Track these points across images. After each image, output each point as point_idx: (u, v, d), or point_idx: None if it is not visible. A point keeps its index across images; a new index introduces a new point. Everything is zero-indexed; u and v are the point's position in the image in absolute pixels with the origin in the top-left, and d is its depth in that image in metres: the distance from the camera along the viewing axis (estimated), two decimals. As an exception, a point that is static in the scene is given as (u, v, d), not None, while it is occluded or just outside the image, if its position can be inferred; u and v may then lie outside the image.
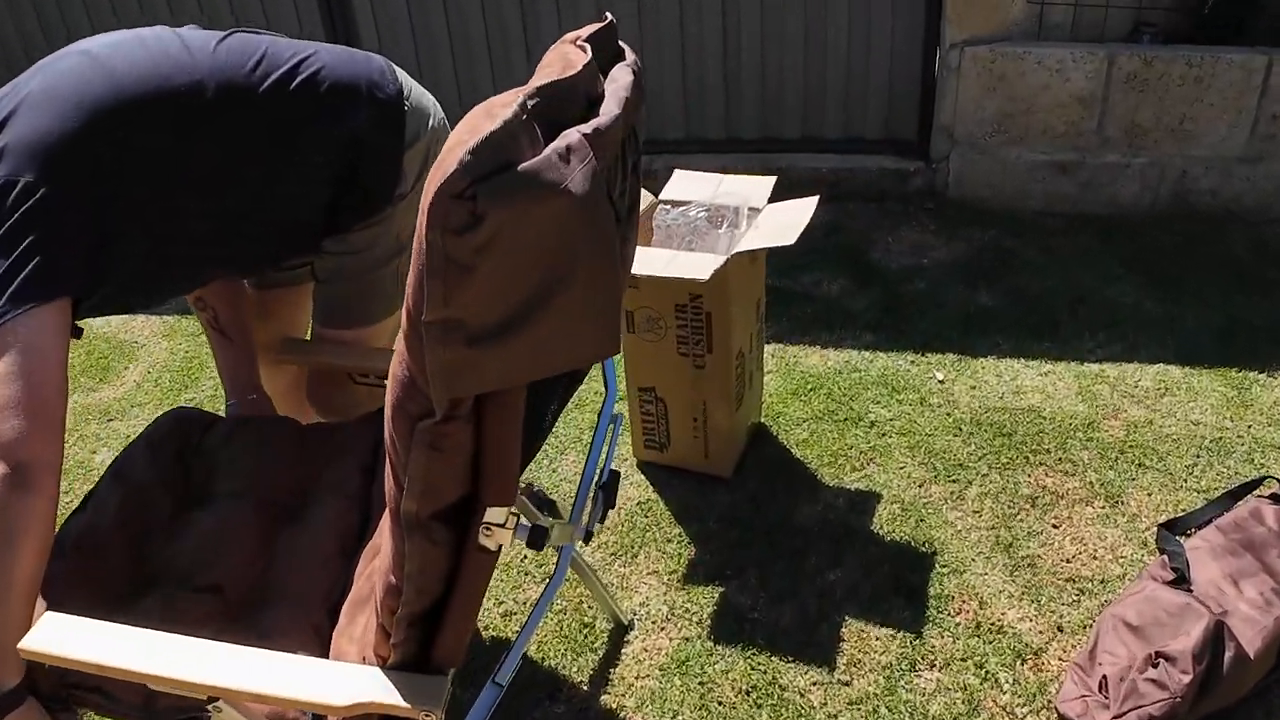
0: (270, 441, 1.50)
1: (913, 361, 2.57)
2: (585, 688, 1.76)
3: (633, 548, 2.05)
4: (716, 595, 1.91)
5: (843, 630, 1.81)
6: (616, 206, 0.93)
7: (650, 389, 2.15)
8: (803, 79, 3.39)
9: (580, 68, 0.92)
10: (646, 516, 2.13)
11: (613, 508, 1.36)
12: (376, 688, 1.03)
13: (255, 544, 1.35)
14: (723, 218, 1.98)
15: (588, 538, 1.26)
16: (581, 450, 2.36)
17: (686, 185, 2.14)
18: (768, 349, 2.63)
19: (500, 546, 0.96)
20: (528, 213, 0.76)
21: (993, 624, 1.80)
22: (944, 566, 1.93)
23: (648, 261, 1.86)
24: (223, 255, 1.40)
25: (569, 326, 0.86)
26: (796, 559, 1.97)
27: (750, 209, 2.00)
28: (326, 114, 1.36)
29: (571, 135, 0.82)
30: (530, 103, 0.82)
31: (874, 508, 2.08)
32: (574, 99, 0.91)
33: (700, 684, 1.73)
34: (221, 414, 1.64)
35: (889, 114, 3.40)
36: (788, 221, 1.88)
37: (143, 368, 2.87)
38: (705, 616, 1.86)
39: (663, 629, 1.85)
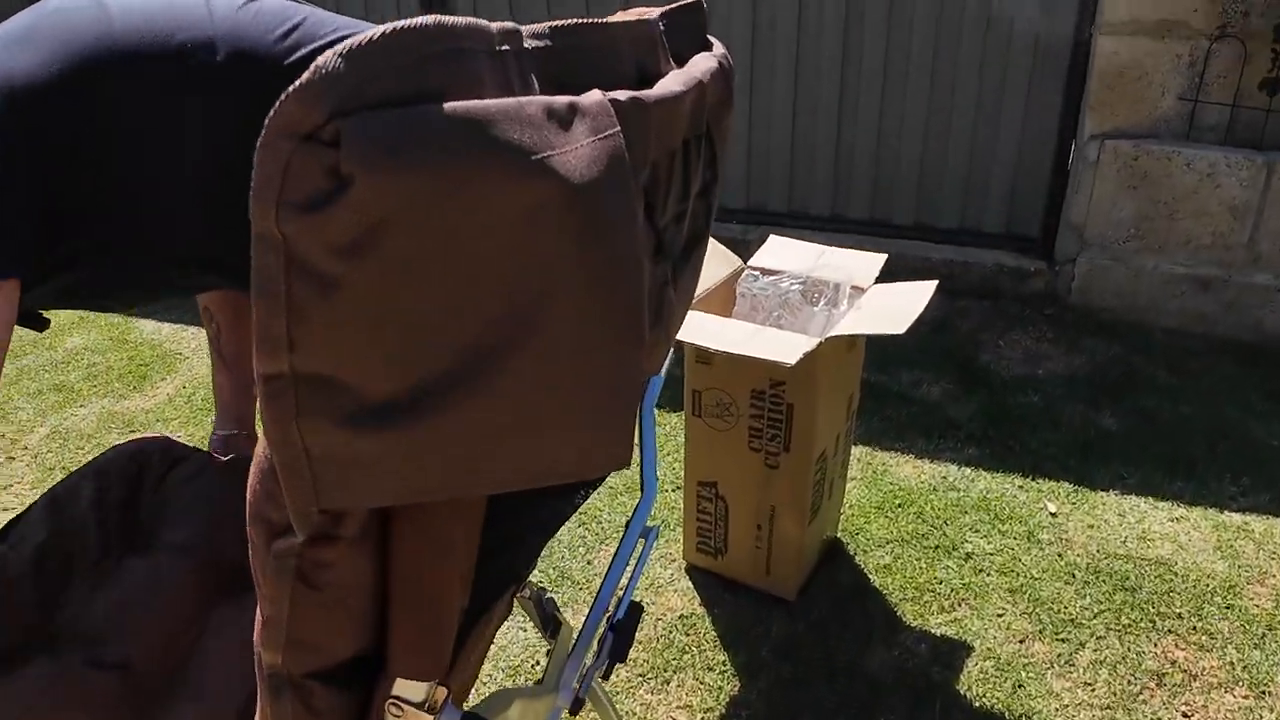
0: (237, 491, 1.25)
1: (1021, 487, 2.21)
2: (588, 844, 1.44)
3: (665, 671, 1.74)
4: (761, 746, 1.58)
5: (914, 817, 1.46)
6: (662, 233, 0.64)
7: (711, 484, 1.85)
8: (920, 160, 3.12)
9: (630, 19, 0.65)
10: (688, 635, 1.81)
11: (622, 660, 1.02)
12: None
13: (185, 613, 1.09)
14: (820, 294, 1.70)
15: (576, 707, 0.92)
16: (626, 542, 2.07)
17: (782, 253, 1.87)
18: (853, 452, 2.31)
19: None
20: (447, 192, 0.42)
21: (1106, 839, 1.43)
22: (1046, 750, 1.57)
23: (724, 335, 1.58)
24: (211, 255, 1.13)
25: (551, 409, 0.52)
26: (862, 713, 1.63)
27: (853, 288, 1.71)
28: None
29: (591, 95, 0.53)
30: (529, 43, 0.53)
31: (962, 661, 1.73)
32: (609, 59, 0.61)
33: None
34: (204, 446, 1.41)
35: (1012, 206, 3.09)
36: (899, 306, 1.58)
37: (180, 381, 2.70)
38: (745, 772, 1.53)
39: (691, 780, 1.53)
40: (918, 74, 3.02)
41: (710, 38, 0.80)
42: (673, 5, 0.79)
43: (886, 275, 1.81)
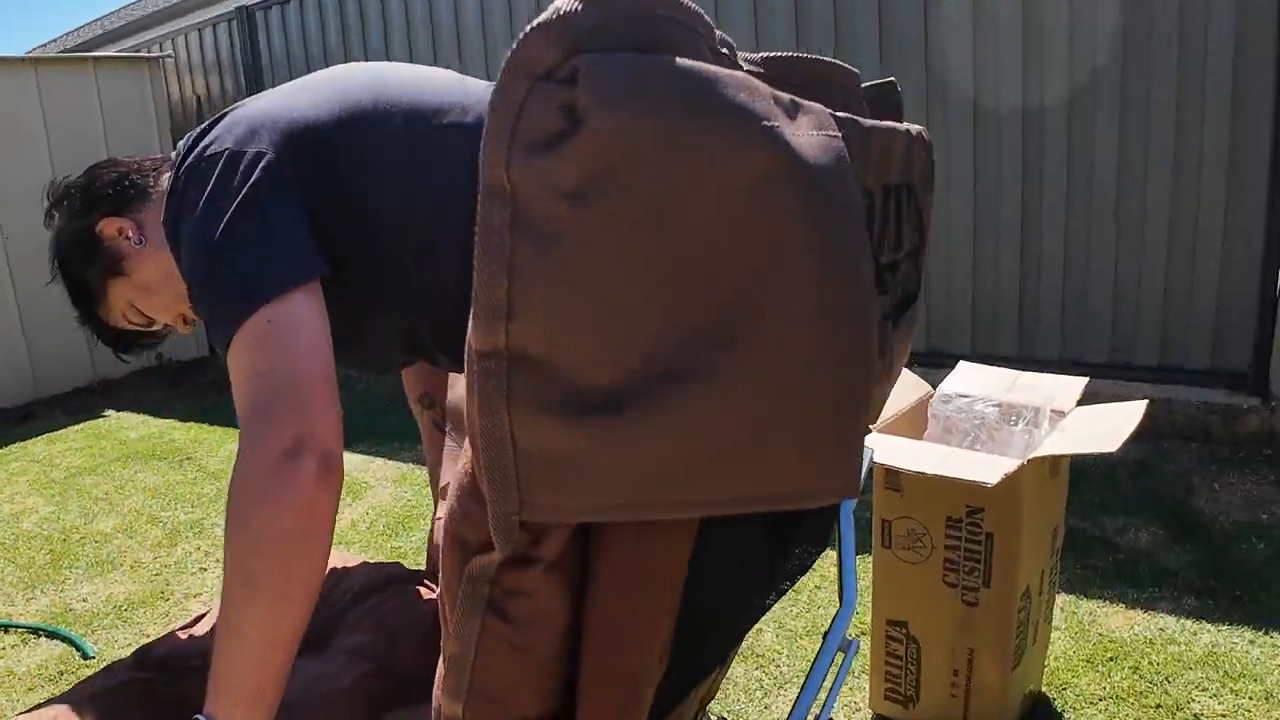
0: (411, 606, 1.26)
1: (1253, 641, 1.95)
2: None
3: (859, 829, 1.58)
4: None
5: None
6: (882, 269, 0.60)
7: (901, 624, 1.72)
8: (1112, 295, 2.97)
9: (838, 68, 0.64)
10: (881, 790, 1.65)
11: None
12: None
13: (359, 715, 1.08)
14: (1018, 415, 1.60)
15: None
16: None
17: (973, 379, 1.79)
18: (1056, 600, 2.12)
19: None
20: (680, 140, 0.40)
21: None
22: None
23: (918, 456, 1.51)
24: (434, 321, 1.14)
25: (767, 420, 0.47)
26: None
27: (1054, 411, 1.61)
28: None
29: (812, 105, 0.51)
30: (743, 64, 0.53)
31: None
32: (820, 92, 0.58)
33: None
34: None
35: (1216, 340, 2.88)
36: (1107, 428, 1.47)
37: (364, 508, 2.81)
38: None
39: None
40: (1101, 200, 2.92)
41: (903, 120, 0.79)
42: (873, 83, 0.79)
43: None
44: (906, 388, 1.76)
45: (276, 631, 0.82)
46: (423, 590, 1.34)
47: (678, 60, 0.40)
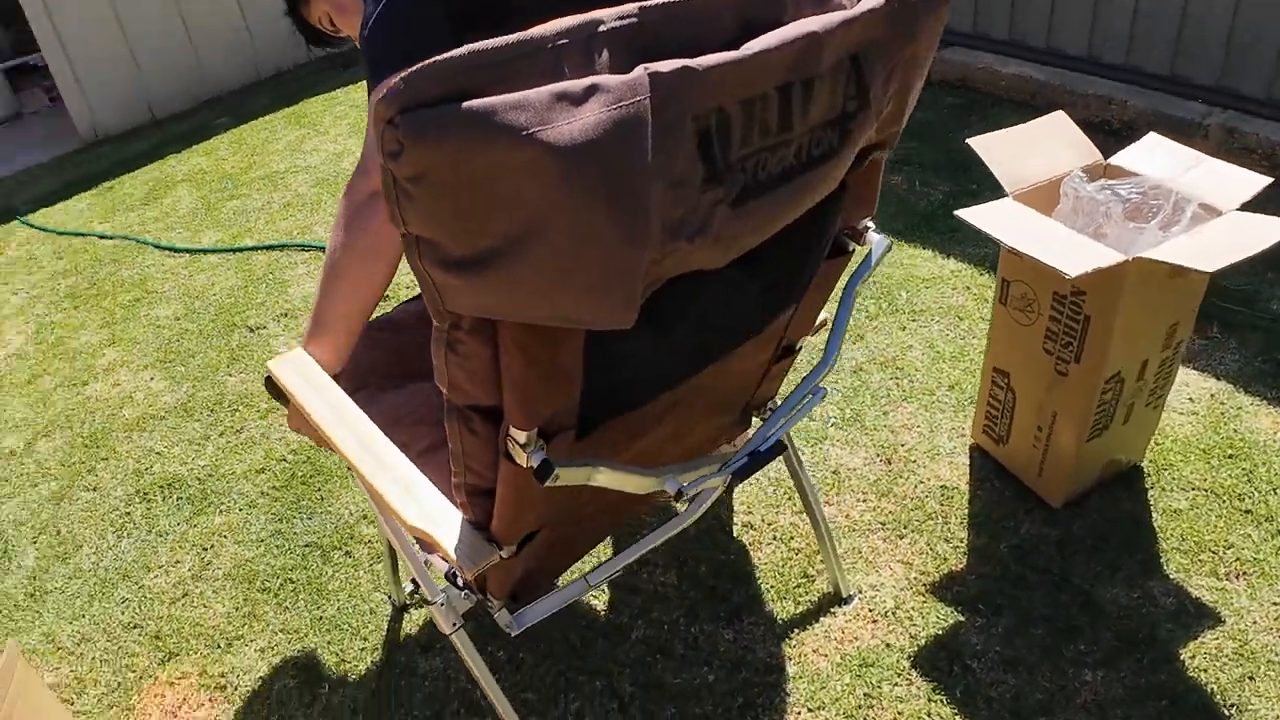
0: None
1: None
2: (762, 630, 1.70)
3: (904, 527, 1.85)
4: (951, 622, 1.66)
5: (1064, 739, 1.48)
6: (731, 164, 0.78)
7: (1005, 374, 1.84)
8: None
9: None
10: (941, 504, 1.89)
11: (740, 479, 1.18)
12: (442, 525, 1.11)
13: None
14: (1156, 208, 1.54)
15: (677, 495, 1.11)
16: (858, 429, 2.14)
17: (1149, 156, 1.68)
18: (1204, 386, 2.06)
19: (530, 466, 0.94)
20: (466, 155, 0.65)
21: None
22: (1254, 747, 1.46)
23: (1022, 230, 1.53)
24: None
25: (561, 283, 0.75)
26: (1068, 635, 1.62)
27: (1204, 207, 1.52)
28: None
29: (617, 77, 0.69)
30: (615, 23, 0.70)
31: (1202, 630, 1.60)
32: (698, 26, 0.76)
33: (866, 697, 1.57)
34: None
35: None
36: (1235, 240, 1.40)
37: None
38: (923, 637, 1.65)
39: (873, 622, 1.69)
40: None
41: None
42: None
43: None
44: (1066, 152, 1.70)
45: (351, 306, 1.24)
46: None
47: (461, 105, 0.64)
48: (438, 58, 0.64)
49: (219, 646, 1.87)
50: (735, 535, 1.90)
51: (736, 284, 0.99)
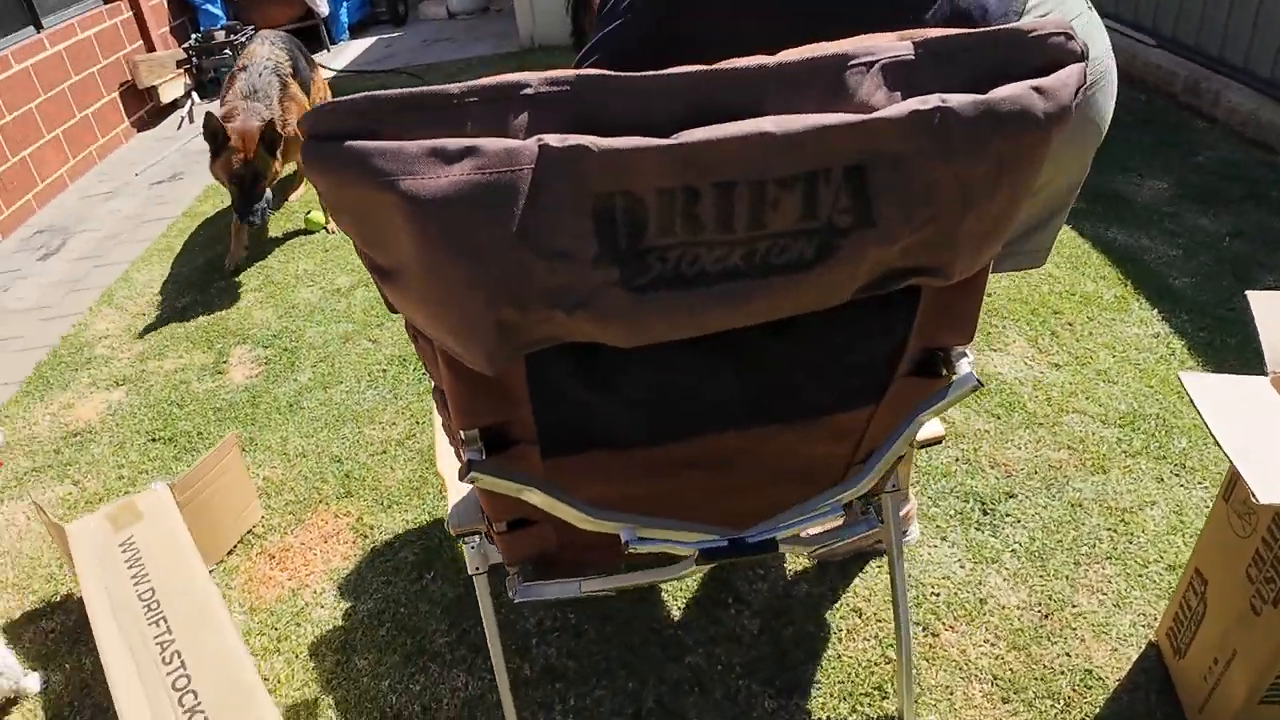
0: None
1: None
2: (803, 718, 1.61)
3: (1014, 693, 1.63)
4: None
5: None
6: (639, 251, 0.77)
7: (1203, 581, 1.51)
8: None
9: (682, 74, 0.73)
10: (1074, 689, 1.63)
11: (710, 562, 1.13)
12: (453, 482, 1.21)
13: None
14: None
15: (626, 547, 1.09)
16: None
17: None
18: None
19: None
20: (343, 188, 0.71)
21: None
22: None
23: (1244, 424, 1.24)
24: None
25: (432, 317, 0.78)
26: None
27: None
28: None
29: (512, 143, 0.70)
30: (545, 89, 0.72)
31: None
32: (636, 107, 0.74)
33: None
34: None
35: None
36: None
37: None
38: None
39: None
40: None
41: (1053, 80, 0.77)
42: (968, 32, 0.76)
43: None
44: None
45: None
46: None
47: (343, 145, 0.70)
48: (346, 98, 0.70)
49: (381, 504, 2.17)
50: (838, 615, 1.80)
51: (712, 369, 0.95)
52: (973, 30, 0.77)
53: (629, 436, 1.03)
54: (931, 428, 1.33)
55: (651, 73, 0.72)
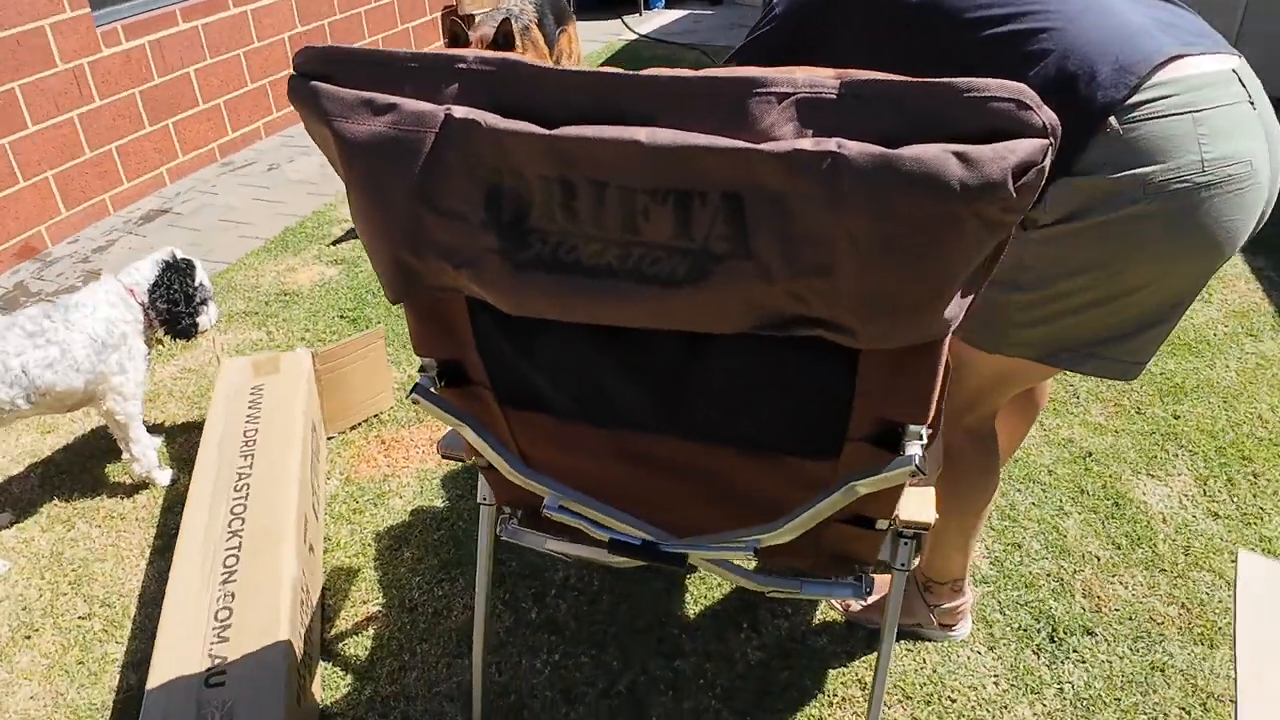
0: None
1: None
2: None
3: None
4: None
5: None
6: (529, 232, 0.82)
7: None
8: None
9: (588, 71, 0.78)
10: None
11: (623, 553, 1.16)
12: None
13: None
14: None
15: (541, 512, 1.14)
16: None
17: None
18: None
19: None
20: (304, 117, 0.82)
21: None
22: None
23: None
24: None
25: (365, 238, 0.88)
26: None
27: None
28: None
29: (426, 106, 0.77)
30: (458, 64, 0.79)
31: None
32: (548, 96, 0.78)
33: None
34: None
35: None
36: None
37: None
38: None
39: None
40: None
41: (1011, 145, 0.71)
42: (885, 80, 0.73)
43: None
44: None
45: None
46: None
47: (316, 84, 0.81)
48: (324, 45, 0.82)
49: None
50: (840, 681, 1.74)
51: (617, 364, 0.98)
52: (911, 80, 0.73)
53: (561, 407, 1.09)
54: (920, 510, 1.26)
55: (561, 68, 0.77)
